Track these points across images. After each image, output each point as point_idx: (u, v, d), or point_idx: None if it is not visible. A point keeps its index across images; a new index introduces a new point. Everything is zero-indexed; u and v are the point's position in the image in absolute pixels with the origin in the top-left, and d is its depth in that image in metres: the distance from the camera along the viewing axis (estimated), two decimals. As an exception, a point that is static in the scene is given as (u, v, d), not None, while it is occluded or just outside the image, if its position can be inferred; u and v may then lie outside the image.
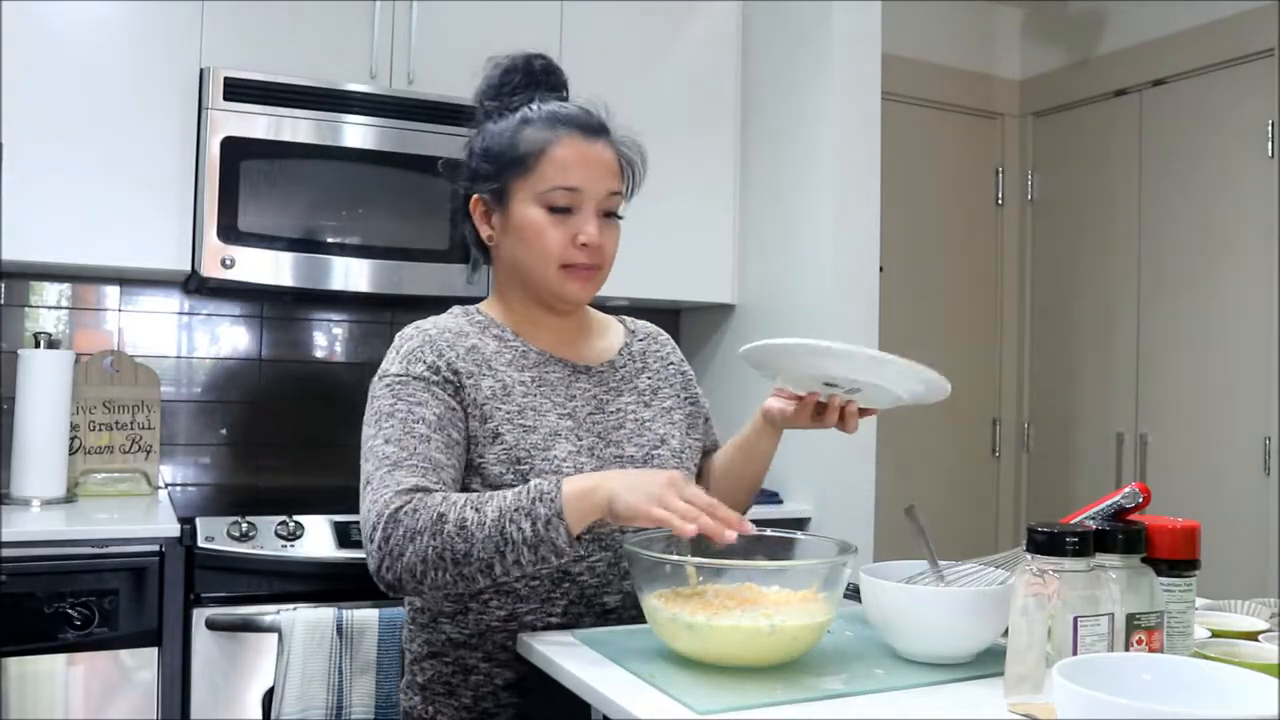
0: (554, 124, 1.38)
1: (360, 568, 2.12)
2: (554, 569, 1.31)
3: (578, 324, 1.49)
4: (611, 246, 1.40)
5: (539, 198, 1.36)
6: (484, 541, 1.17)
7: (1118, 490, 1.10)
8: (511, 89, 1.44)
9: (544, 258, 1.37)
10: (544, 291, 1.40)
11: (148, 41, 2.33)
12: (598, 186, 1.37)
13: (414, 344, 1.38)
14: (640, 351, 1.52)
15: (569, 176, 1.36)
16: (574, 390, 1.41)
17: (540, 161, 1.36)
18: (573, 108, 1.41)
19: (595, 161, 1.37)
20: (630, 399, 1.45)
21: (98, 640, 1.97)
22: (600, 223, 1.38)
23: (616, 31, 2.75)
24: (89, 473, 2.45)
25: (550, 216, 1.36)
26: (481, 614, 1.33)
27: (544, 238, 1.36)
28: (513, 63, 1.45)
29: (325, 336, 2.87)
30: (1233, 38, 3.00)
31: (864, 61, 2.64)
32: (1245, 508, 2.89)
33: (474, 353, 1.38)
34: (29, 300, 2.58)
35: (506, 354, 1.40)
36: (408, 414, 1.30)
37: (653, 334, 1.57)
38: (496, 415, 1.33)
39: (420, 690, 1.40)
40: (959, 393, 4.07)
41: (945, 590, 1.19)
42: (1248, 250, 2.95)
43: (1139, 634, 1.01)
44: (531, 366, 1.40)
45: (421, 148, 2.47)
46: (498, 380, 1.36)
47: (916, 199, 3.43)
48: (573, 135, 1.37)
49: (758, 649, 1.10)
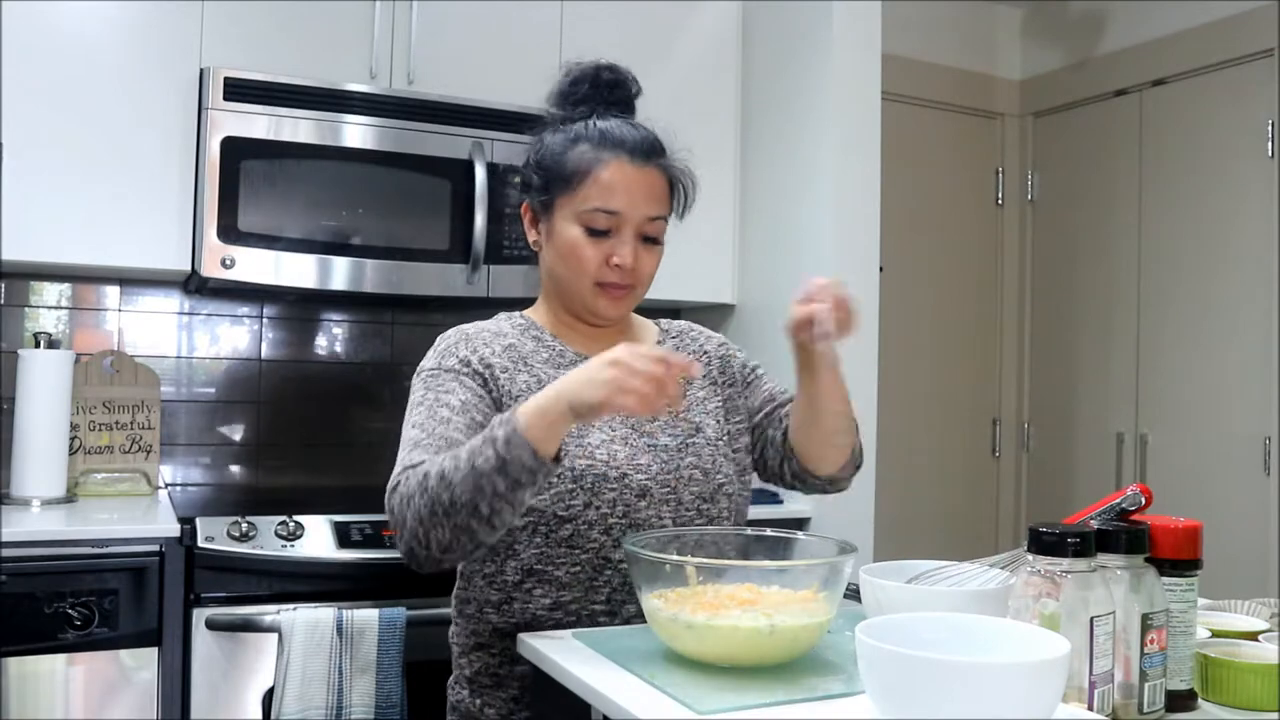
0: (603, 145, 1.39)
1: (360, 568, 2.13)
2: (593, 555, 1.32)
3: (616, 330, 1.51)
4: (648, 269, 1.42)
5: (579, 216, 1.39)
6: (461, 484, 1.16)
7: (1119, 492, 1.10)
8: (576, 99, 1.45)
9: (578, 274, 1.40)
10: (576, 305, 1.44)
11: (148, 41, 2.33)
12: (638, 211, 1.38)
13: (450, 341, 1.43)
14: (672, 349, 1.53)
15: (610, 200, 1.38)
16: None
17: (584, 182, 1.38)
18: (627, 129, 1.41)
19: (639, 186, 1.39)
20: None
21: (98, 640, 1.97)
22: (637, 246, 1.39)
23: (616, 31, 2.75)
24: (89, 473, 2.45)
25: (588, 236, 1.39)
26: (526, 603, 1.35)
27: (579, 256, 1.39)
28: (582, 72, 1.47)
29: (325, 336, 2.87)
30: (1233, 38, 3.00)
31: (864, 61, 2.63)
32: (1245, 508, 2.89)
33: (510, 350, 1.42)
34: (29, 300, 2.58)
35: (544, 353, 1.44)
36: (434, 401, 1.35)
37: (684, 330, 1.59)
38: None
39: (468, 683, 1.41)
40: (959, 393, 4.05)
41: (945, 590, 1.19)
42: (1248, 250, 2.95)
43: (1151, 634, 1.01)
44: (567, 365, 1.42)
45: (421, 148, 2.47)
46: (533, 375, 1.40)
47: (916, 199, 3.43)
48: (620, 158, 1.39)
49: (758, 649, 1.10)
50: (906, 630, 0.94)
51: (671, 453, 1.40)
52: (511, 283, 2.55)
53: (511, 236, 2.55)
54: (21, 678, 1.93)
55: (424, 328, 2.94)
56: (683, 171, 1.46)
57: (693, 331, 1.59)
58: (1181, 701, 1.06)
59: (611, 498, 1.35)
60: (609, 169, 1.38)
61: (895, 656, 0.86)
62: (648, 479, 1.37)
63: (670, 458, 1.40)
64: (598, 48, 2.85)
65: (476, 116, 2.52)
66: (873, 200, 2.63)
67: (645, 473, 1.37)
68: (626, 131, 1.41)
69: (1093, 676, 0.97)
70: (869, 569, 1.23)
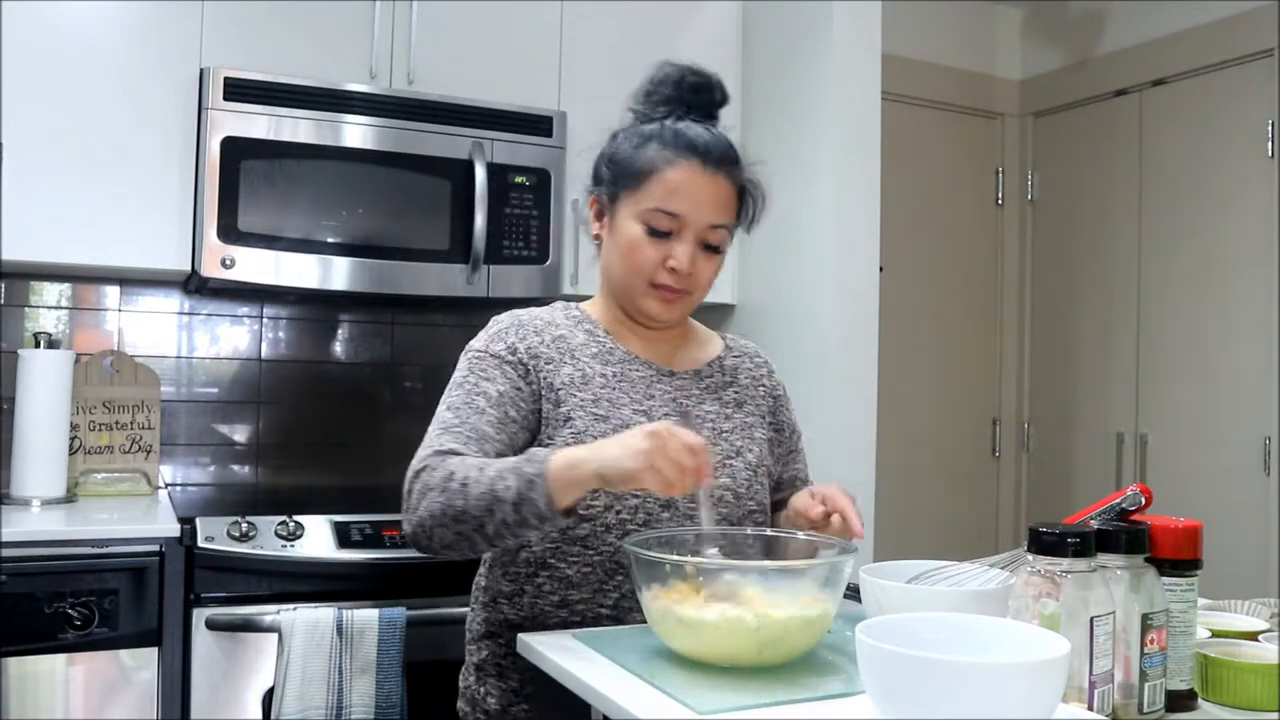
0: (675, 146, 1.39)
1: (360, 567, 2.13)
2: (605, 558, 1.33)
3: (672, 334, 1.51)
4: (705, 276, 1.42)
5: (641, 215, 1.39)
6: (478, 499, 1.19)
7: (1119, 492, 1.10)
8: (658, 100, 1.45)
9: (635, 273, 1.40)
10: (629, 303, 1.44)
11: (148, 41, 2.33)
12: (701, 217, 1.38)
13: (502, 325, 1.43)
14: (732, 367, 1.54)
15: (673, 202, 1.37)
16: (654, 391, 1.43)
17: (651, 180, 1.38)
18: (701, 133, 1.40)
19: (706, 192, 1.38)
20: (712, 408, 1.47)
21: (98, 640, 1.97)
22: (696, 252, 1.39)
23: (616, 31, 2.75)
24: (89, 473, 2.45)
25: (648, 235, 1.39)
26: (536, 597, 1.36)
27: (637, 254, 1.39)
28: (665, 74, 1.46)
29: (325, 336, 2.87)
30: (1233, 38, 3.00)
31: (864, 61, 2.63)
32: (1245, 508, 2.89)
33: (560, 341, 1.42)
34: (29, 300, 2.58)
35: (593, 347, 1.43)
36: (473, 386, 1.35)
37: (750, 353, 1.59)
38: (570, 400, 1.37)
39: (475, 670, 1.43)
40: (959, 393, 4.06)
41: (945, 590, 1.19)
42: (1248, 250, 2.95)
43: (1151, 634, 1.01)
44: (616, 363, 1.43)
45: (421, 148, 2.47)
46: (578, 369, 1.40)
47: (916, 199, 3.43)
48: (691, 162, 1.38)
49: (756, 648, 1.10)
50: (906, 630, 0.94)
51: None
52: (511, 283, 2.55)
53: (511, 236, 2.55)
54: (21, 678, 1.93)
55: (424, 328, 2.94)
56: (754, 183, 1.45)
57: (757, 358, 1.59)
58: (1181, 701, 1.06)
59: (635, 504, 1.35)
60: (677, 171, 1.38)
61: (895, 656, 0.86)
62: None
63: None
64: (598, 48, 2.85)
65: (476, 116, 2.52)
66: (873, 200, 2.63)
67: None
68: (700, 135, 1.40)
69: (1093, 676, 0.97)
70: (869, 569, 1.23)
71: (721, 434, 1.45)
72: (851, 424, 2.55)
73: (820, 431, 1.45)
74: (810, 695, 1.03)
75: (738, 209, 1.44)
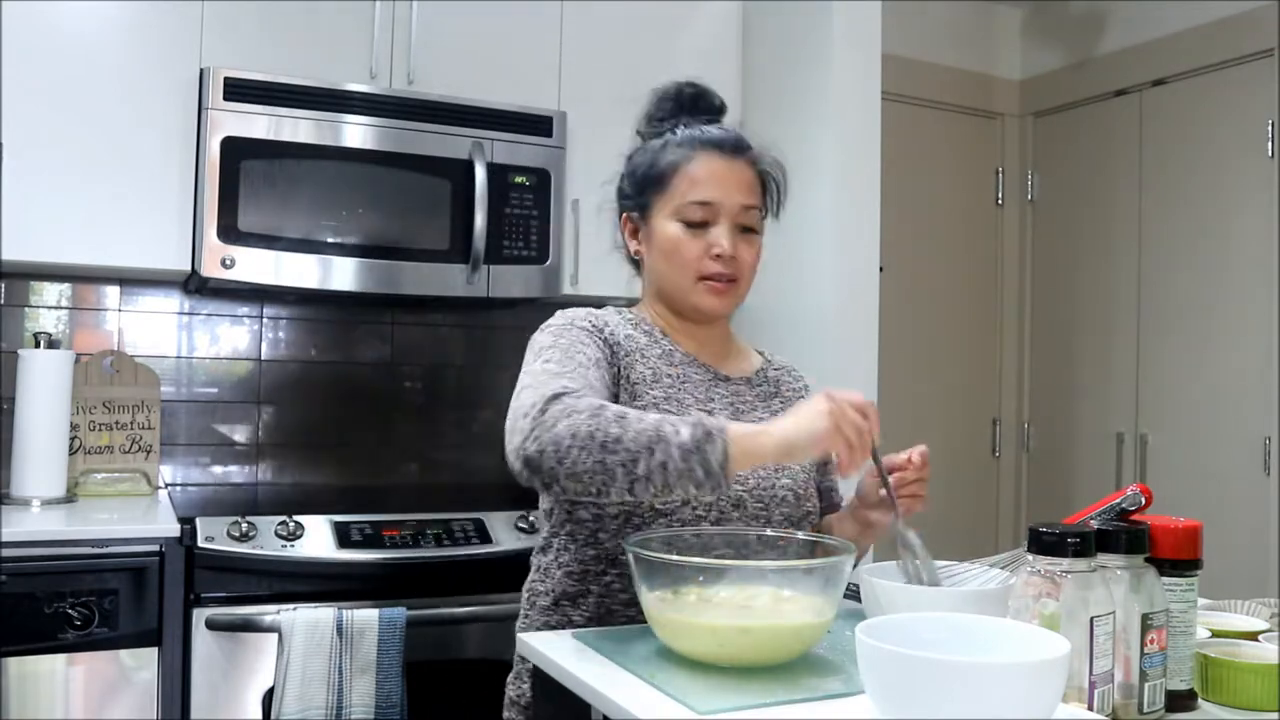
0: (692, 144, 1.44)
1: (360, 567, 2.13)
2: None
3: (721, 337, 1.54)
4: (749, 259, 1.45)
5: (676, 212, 1.42)
6: (638, 434, 1.13)
7: (1119, 492, 1.10)
8: (662, 115, 1.50)
9: (682, 270, 1.42)
10: (682, 304, 1.46)
11: (147, 41, 2.33)
12: (732, 200, 1.42)
13: (576, 313, 1.42)
14: (775, 379, 1.57)
15: (702, 191, 1.41)
16: (713, 394, 1.46)
17: (676, 178, 1.42)
18: (713, 129, 1.46)
19: (730, 177, 1.42)
20: (764, 415, 1.48)
21: (98, 640, 1.97)
22: (735, 236, 1.42)
23: (616, 31, 2.75)
24: (89, 473, 2.45)
25: (686, 231, 1.42)
26: (604, 596, 1.35)
27: (681, 251, 1.42)
28: (665, 91, 1.51)
29: (325, 336, 2.87)
30: (1233, 38, 3.00)
31: (864, 61, 2.63)
32: (1245, 508, 2.89)
33: (629, 340, 1.43)
34: (29, 300, 2.58)
35: (655, 349, 1.45)
36: (570, 346, 1.33)
37: (788, 367, 1.62)
38: (646, 396, 1.38)
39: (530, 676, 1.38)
40: (959, 393, 4.05)
41: (945, 590, 1.19)
42: (1248, 250, 2.95)
43: (1151, 634, 1.01)
44: (678, 364, 1.45)
45: (421, 148, 2.47)
46: (648, 367, 1.41)
47: (916, 199, 3.42)
48: (709, 153, 1.43)
49: (756, 648, 1.10)
50: (906, 630, 0.94)
51: (769, 471, 1.42)
52: (511, 283, 2.55)
53: (511, 236, 2.55)
54: (21, 678, 1.93)
55: (424, 328, 2.94)
56: (773, 163, 1.49)
57: (795, 372, 1.62)
58: (1181, 701, 1.06)
59: (710, 501, 1.35)
60: (698, 162, 1.42)
61: (895, 656, 0.86)
62: (744, 490, 1.39)
63: (767, 475, 1.42)
64: (598, 48, 2.85)
65: (476, 116, 2.52)
66: (873, 200, 2.63)
67: (743, 484, 1.39)
68: (712, 130, 1.46)
69: (1093, 676, 0.97)
70: (869, 569, 1.23)
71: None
72: (851, 424, 2.55)
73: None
74: (810, 695, 1.03)
75: (762, 194, 1.47)
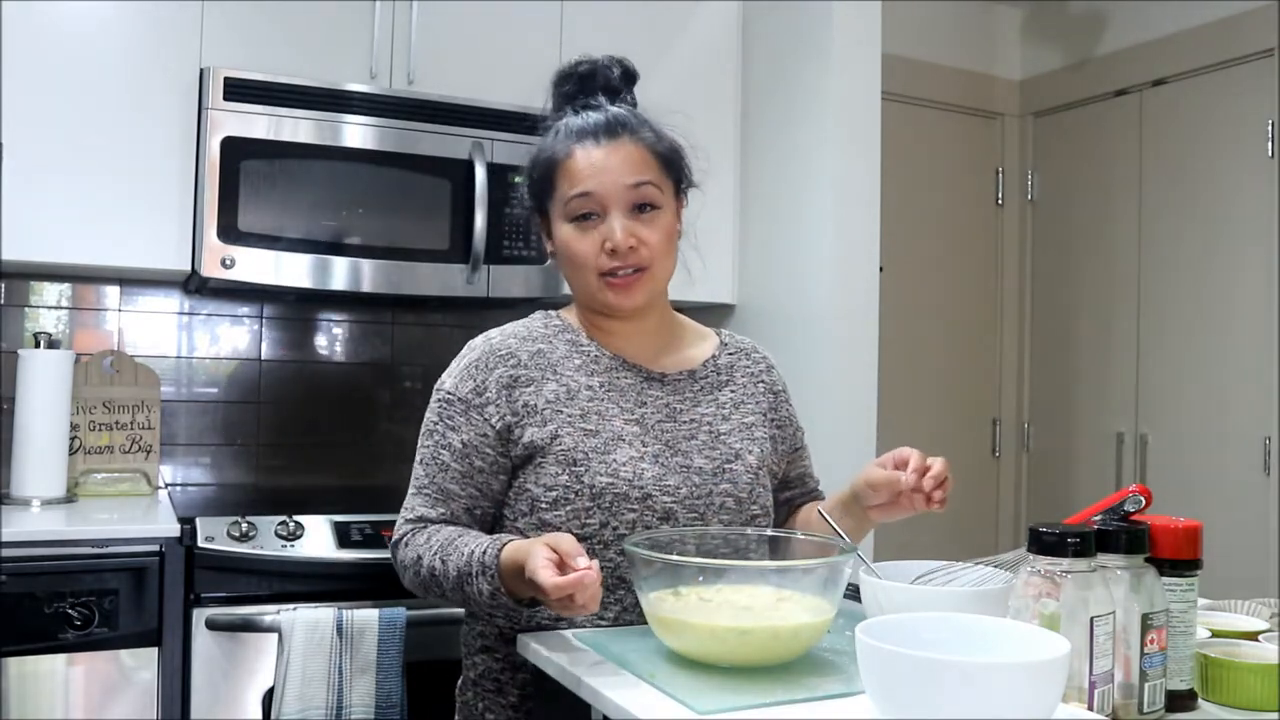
0: (568, 138, 1.40)
1: (360, 567, 2.13)
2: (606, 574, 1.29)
3: (659, 330, 1.48)
4: (654, 239, 1.38)
5: (564, 212, 1.39)
6: (452, 590, 1.30)
7: (1119, 493, 1.10)
8: (560, 99, 1.46)
9: (582, 271, 1.38)
10: (592, 303, 1.42)
11: (147, 41, 2.33)
12: (615, 185, 1.36)
13: (472, 357, 1.40)
14: (728, 365, 1.50)
15: (580, 183, 1.37)
16: (645, 397, 1.40)
17: (558, 177, 1.39)
18: (589, 116, 1.41)
19: (609, 161, 1.37)
20: (708, 410, 1.44)
21: (98, 640, 1.97)
22: (630, 219, 1.37)
23: (616, 31, 2.74)
24: (89, 473, 2.45)
25: (577, 229, 1.38)
26: (534, 612, 1.33)
27: (574, 250, 1.38)
28: (559, 73, 1.47)
29: (325, 336, 2.87)
30: (1233, 38, 3.00)
31: (864, 61, 2.63)
32: (1245, 508, 2.89)
33: (539, 357, 1.38)
34: (29, 300, 2.58)
35: (577, 359, 1.40)
36: (440, 438, 1.38)
37: (746, 349, 1.55)
38: (557, 419, 1.34)
39: (473, 685, 1.42)
40: (959, 393, 4.05)
41: (945, 590, 1.19)
42: (1248, 250, 2.95)
43: (1151, 634, 1.01)
44: (602, 372, 1.40)
45: (421, 148, 2.47)
46: (562, 384, 1.37)
47: (916, 199, 3.42)
48: (584, 144, 1.38)
49: (755, 648, 1.10)
50: (906, 630, 0.94)
51: (706, 476, 1.37)
52: (511, 283, 2.55)
53: (511, 236, 2.55)
54: (21, 678, 1.93)
55: (424, 328, 2.94)
56: (658, 137, 1.42)
57: (755, 354, 1.55)
58: (1181, 701, 1.06)
59: (631, 519, 1.32)
60: (573, 157, 1.38)
61: (895, 656, 0.86)
62: (674, 501, 1.34)
63: (703, 481, 1.37)
64: (598, 48, 2.84)
65: (476, 116, 2.52)
66: (873, 200, 2.63)
67: (673, 495, 1.34)
68: (588, 119, 1.40)
69: (1093, 676, 0.97)
70: (869, 569, 1.23)
71: (719, 437, 1.41)
72: (851, 424, 2.55)
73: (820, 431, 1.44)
74: (810, 695, 1.03)
75: (660, 168, 1.41)
